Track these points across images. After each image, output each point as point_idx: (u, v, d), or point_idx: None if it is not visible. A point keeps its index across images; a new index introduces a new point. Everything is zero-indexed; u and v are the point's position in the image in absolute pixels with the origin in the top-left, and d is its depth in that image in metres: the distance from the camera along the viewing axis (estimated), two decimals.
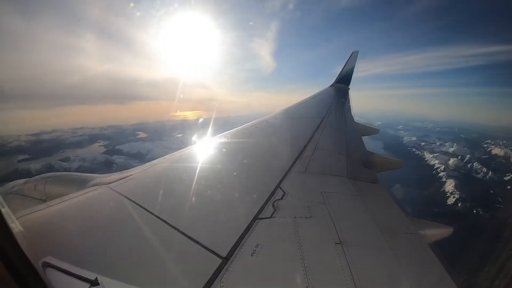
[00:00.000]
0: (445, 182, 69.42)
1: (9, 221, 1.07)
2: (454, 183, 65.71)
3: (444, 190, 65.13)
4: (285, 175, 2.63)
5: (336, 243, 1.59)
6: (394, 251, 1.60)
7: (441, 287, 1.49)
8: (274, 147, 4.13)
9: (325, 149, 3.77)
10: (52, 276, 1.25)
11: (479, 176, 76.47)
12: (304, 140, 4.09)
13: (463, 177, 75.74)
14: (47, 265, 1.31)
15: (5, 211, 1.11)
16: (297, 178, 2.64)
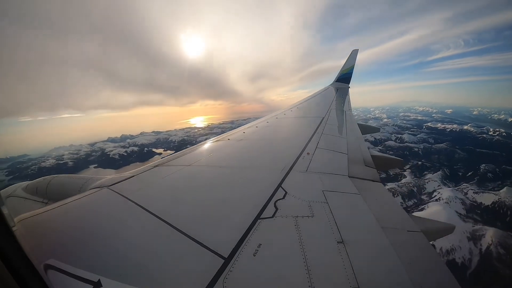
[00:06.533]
0: None
1: (10, 223, 1.08)
2: None
3: None
4: (286, 175, 2.63)
5: (338, 242, 1.59)
6: (396, 249, 1.59)
7: (444, 286, 1.49)
8: (274, 146, 4.12)
9: (325, 148, 3.76)
10: (54, 278, 1.25)
11: None
12: (305, 139, 4.09)
13: None
14: (49, 267, 1.31)
15: (7, 213, 1.11)
16: (298, 177, 2.63)
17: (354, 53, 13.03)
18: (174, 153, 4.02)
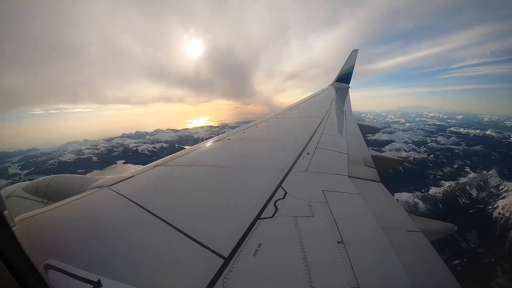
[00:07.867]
0: None
1: (11, 223, 1.08)
2: None
3: None
4: (286, 175, 2.63)
5: (338, 242, 1.59)
6: (396, 249, 1.59)
7: (444, 286, 1.49)
8: (274, 146, 4.12)
9: (326, 148, 3.76)
10: (54, 277, 1.25)
11: None
12: (305, 139, 4.09)
13: None
14: (49, 267, 1.31)
15: (7, 213, 1.12)
16: (298, 177, 2.63)
17: (354, 53, 13.06)
18: None
